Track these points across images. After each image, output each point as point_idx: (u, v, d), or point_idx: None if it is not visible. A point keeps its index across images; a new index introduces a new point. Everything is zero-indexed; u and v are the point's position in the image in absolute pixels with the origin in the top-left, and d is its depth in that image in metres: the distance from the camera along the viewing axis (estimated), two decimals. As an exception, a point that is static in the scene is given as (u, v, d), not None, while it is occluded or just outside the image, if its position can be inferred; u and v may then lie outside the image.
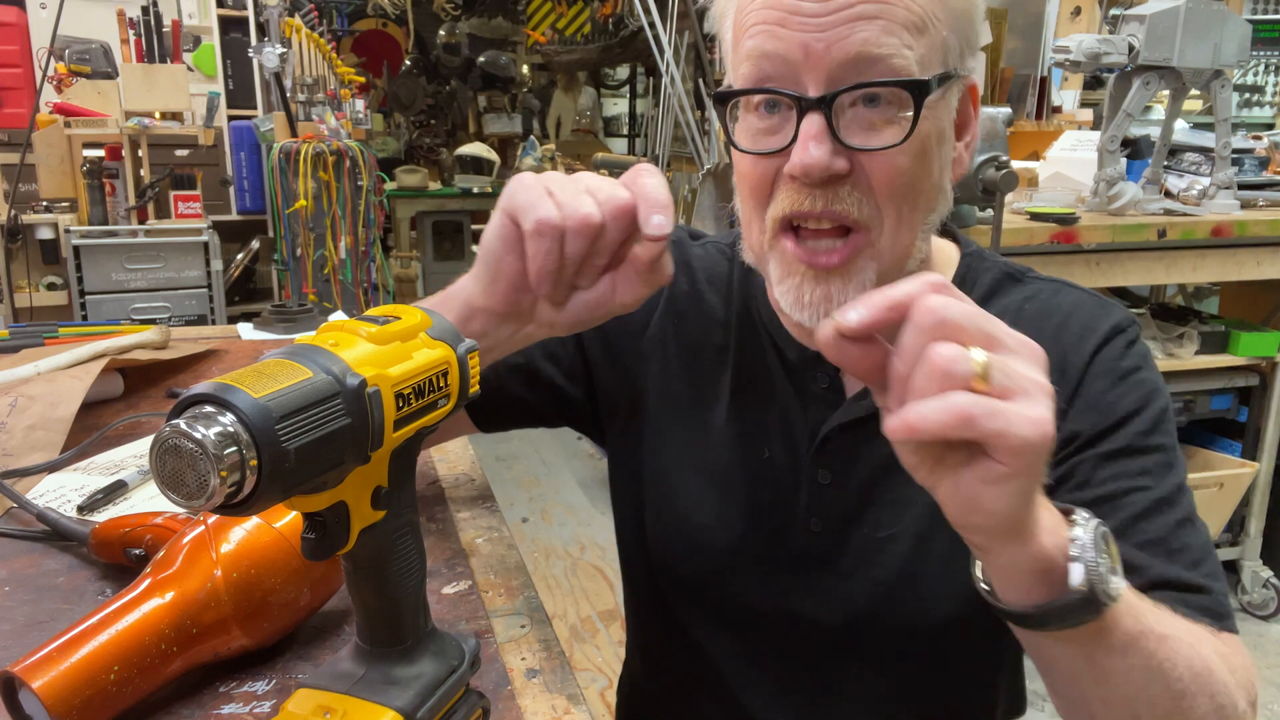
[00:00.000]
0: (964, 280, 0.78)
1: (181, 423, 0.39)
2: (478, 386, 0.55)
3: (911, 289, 0.47)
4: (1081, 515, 0.53)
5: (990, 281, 0.78)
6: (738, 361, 0.82)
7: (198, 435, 0.39)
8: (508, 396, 0.86)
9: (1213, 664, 0.59)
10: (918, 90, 0.64)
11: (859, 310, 0.47)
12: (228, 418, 0.40)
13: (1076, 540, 0.52)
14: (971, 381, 0.45)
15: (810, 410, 0.79)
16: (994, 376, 0.45)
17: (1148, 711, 0.58)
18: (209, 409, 0.40)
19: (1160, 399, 0.72)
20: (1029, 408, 0.45)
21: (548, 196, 0.61)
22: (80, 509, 0.88)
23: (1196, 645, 0.59)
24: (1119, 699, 0.58)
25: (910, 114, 0.64)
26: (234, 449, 0.39)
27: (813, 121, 0.64)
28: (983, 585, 0.56)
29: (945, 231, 0.81)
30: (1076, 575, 0.51)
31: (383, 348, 0.49)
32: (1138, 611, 0.55)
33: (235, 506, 0.41)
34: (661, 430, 0.85)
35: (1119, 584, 0.52)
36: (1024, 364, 0.46)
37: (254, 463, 0.40)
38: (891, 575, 0.76)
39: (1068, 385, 0.71)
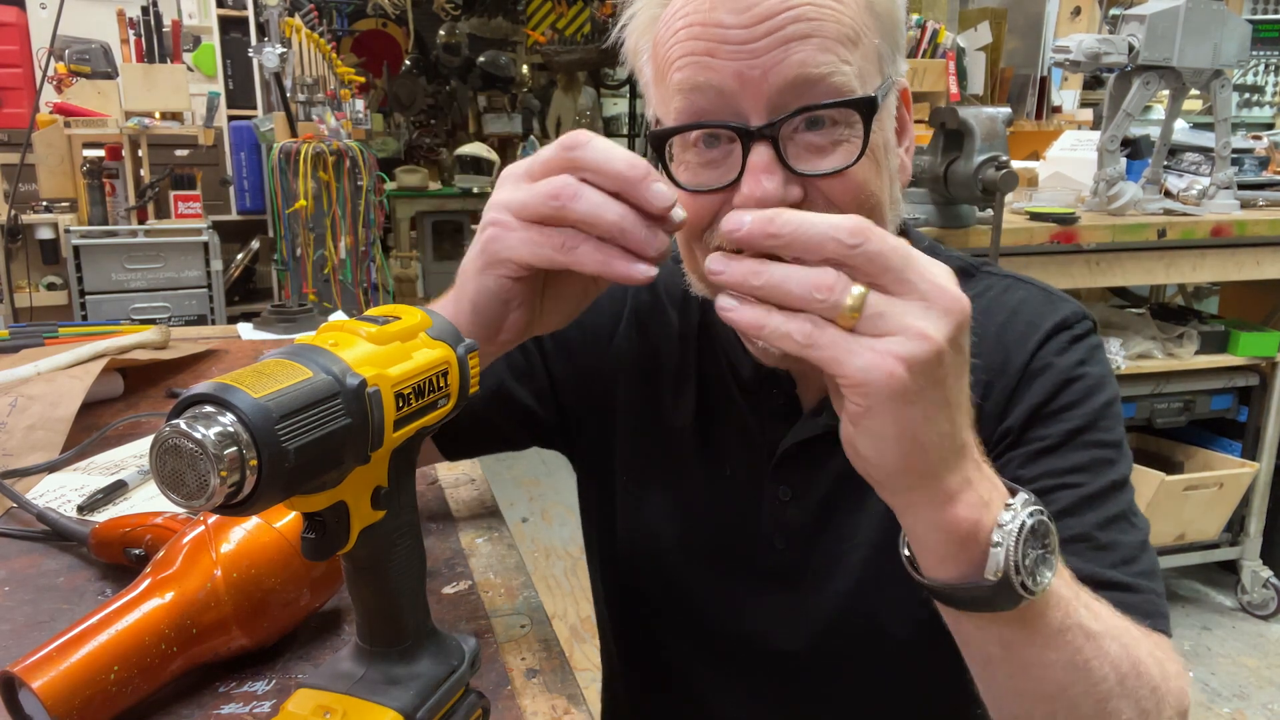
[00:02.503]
0: None
1: (181, 423, 0.39)
2: (478, 387, 0.55)
3: (838, 221, 0.47)
4: (1021, 499, 0.52)
5: None
6: (699, 378, 0.81)
7: (198, 435, 0.39)
8: (476, 422, 0.81)
9: (1144, 668, 0.57)
10: (866, 108, 0.62)
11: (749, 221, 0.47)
12: (228, 418, 0.40)
13: (1003, 525, 0.50)
14: (838, 314, 0.45)
15: (768, 427, 0.77)
16: (865, 314, 0.45)
17: (1067, 713, 0.56)
18: (209, 409, 0.40)
19: (1103, 393, 0.70)
20: (884, 345, 0.45)
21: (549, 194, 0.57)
22: (80, 509, 0.88)
23: (1130, 646, 0.57)
24: (1037, 694, 0.56)
25: (858, 130, 0.62)
26: (234, 449, 0.39)
27: (760, 153, 0.61)
28: (904, 552, 0.55)
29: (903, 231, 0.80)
30: (993, 563, 0.50)
31: (383, 348, 0.49)
32: (1068, 605, 0.54)
33: (235, 506, 0.41)
34: (629, 447, 0.84)
35: (1046, 577, 0.51)
36: (920, 312, 0.46)
37: (254, 463, 0.40)
38: (851, 584, 0.75)
39: (1008, 383, 0.70)
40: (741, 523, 0.79)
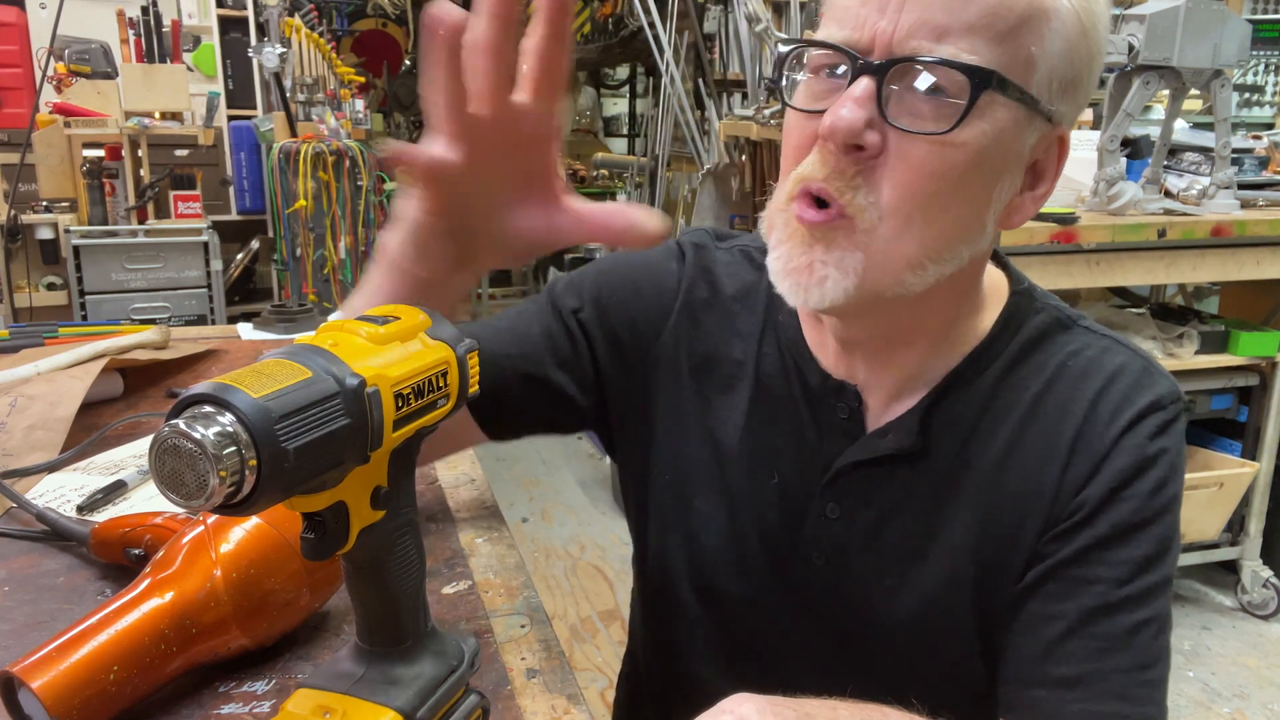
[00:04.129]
0: (1009, 321, 0.73)
1: (180, 423, 0.39)
2: (477, 386, 0.55)
3: None
4: None
5: (1039, 326, 0.73)
6: (757, 379, 0.78)
7: (197, 435, 0.39)
8: (519, 406, 0.82)
9: None
10: (976, 77, 0.59)
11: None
12: (227, 418, 0.40)
13: None
14: None
15: (826, 440, 0.75)
16: None
17: None
18: (208, 409, 0.40)
19: (1175, 483, 0.69)
20: None
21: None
22: (80, 509, 0.88)
23: None
24: None
25: (963, 103, 0.59)
26: (233, 449, 0.39)
27: (860, 85, 0.60)
28: None
29: (997, 261, 0.76)
30: None
31: (382, 347, 0.49)
32: None
33: (234, 507, 0.41)
34: (672, 442, 0.82)
35: None
36: None
37: (253, 463, 0.40)
38: (890, 626, 0.73)
39: (1094, 454, 0.68)
40: (783, 533, 0.76)
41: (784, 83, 0.67)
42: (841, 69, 0.63)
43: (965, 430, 0.71)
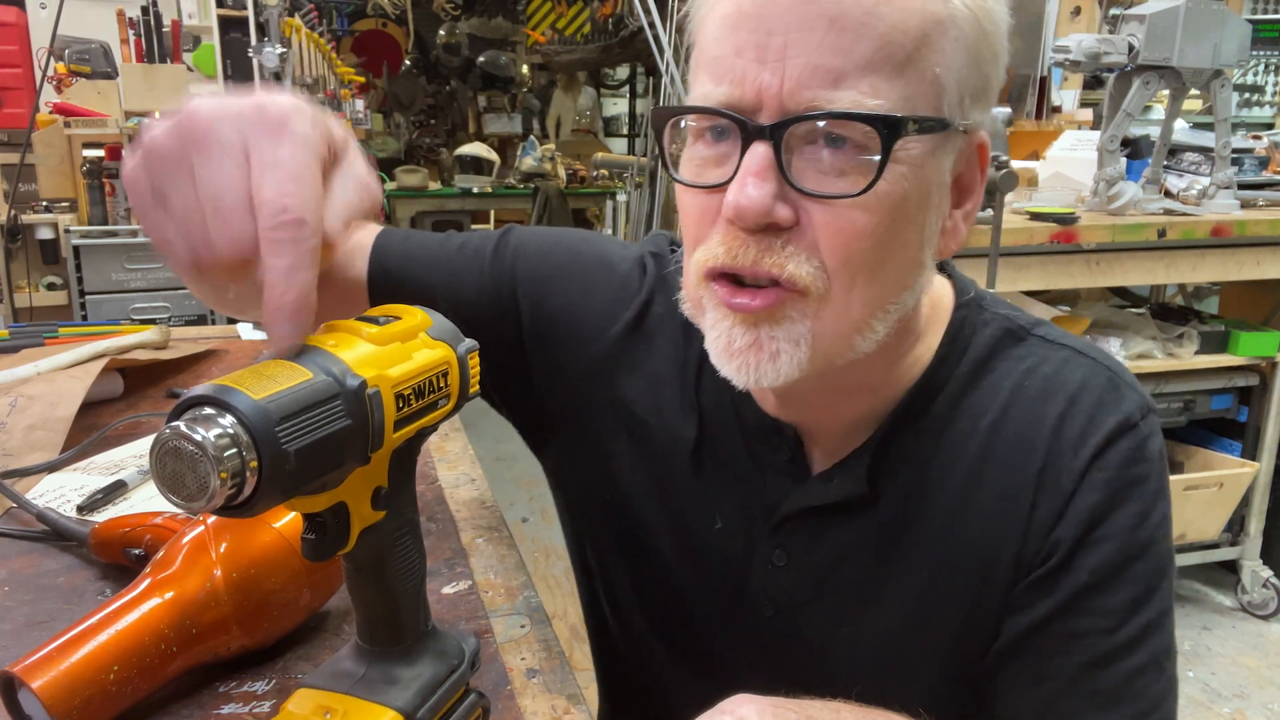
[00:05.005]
0: (955, 340, 0.67)
1: (181, 424, 0.39)
2: (478, 387, 0.55)
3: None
4: None
5: (989, 341, 0.68)
6: (700, 413, 0.72)
7: (198, 437, 0.39)
8: None
9: None
10: (888, 130, 0.53)
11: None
12: (227, 419, 0.40)
13: None
14: None
15: (769, 483, 0.70)
16: None
17: None
18: (208, 410, 0.40)
19: (1159, 508, 0.63)
20: None
21: (162, 212, 0.47)
22: (80, 509, 0.88)
23: None
24: None
25: (877, 162, 0.54)
26: (234, 451, 0.39)
27: (757, 154, 0.54)
28: None
29: (942, 269, 0.71)
30: None
31: (382, 348, 0.48)
32: None
33: (235, 508, 0.41)
34: (617, 458, 0.76)
35: None
36: None
37: (254, 464, 0.40)
38: (846, 673, 0.68)
39: (1064, 489, 0.62)
40: (729, 583, 0.72)
41: (667, 157, 0.61)
42: (726, 134, 0.57)
43: (917, 470, 0.66)
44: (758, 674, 0.69)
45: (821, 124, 0.54)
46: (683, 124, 0.60)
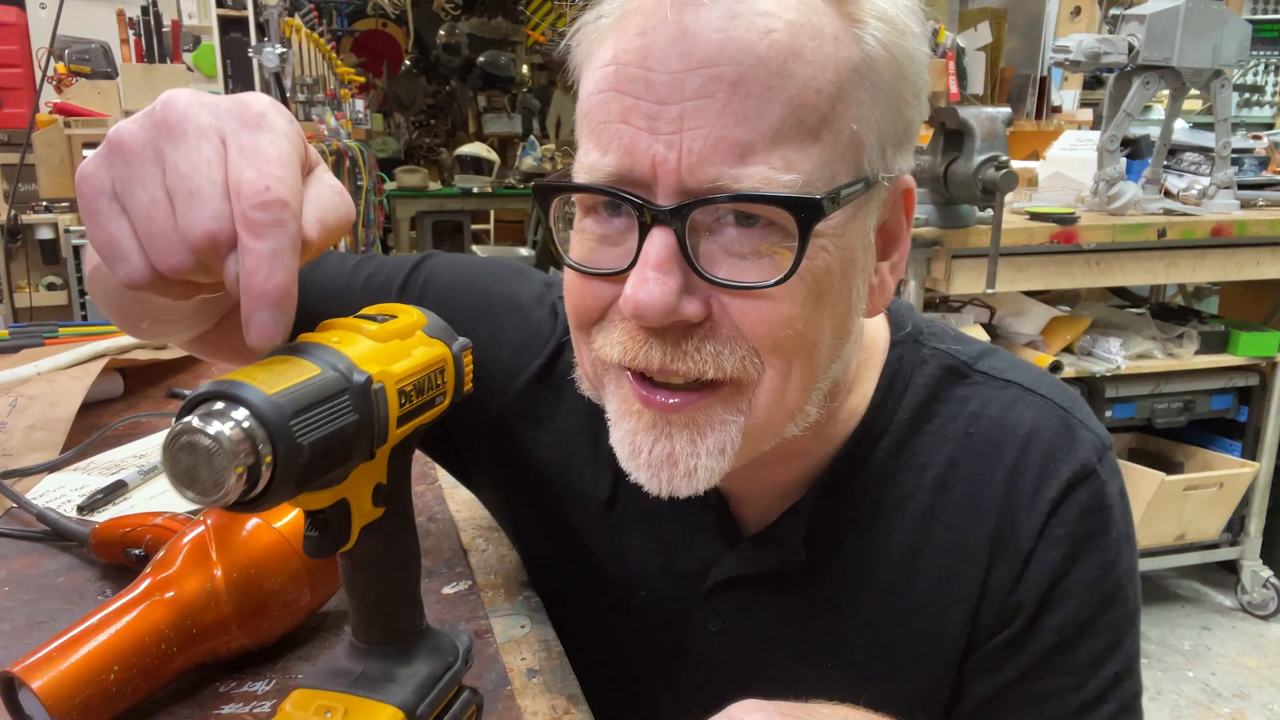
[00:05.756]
0: (893, 381, 0.62)
1: (194, 419, 0.39)
2: (472, 384, 0.55)
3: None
4: None
5: (929, 381, 0.62)
6: (615, 471, 0.62)
7: (213, 431, 0.38)
8: None
9: None
10: (805, 212, 0.47)
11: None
12: (241, 413, 0.39)
13: None
14: None
15: (697, 544, 0.65)
16: None
17: None
18: (219, 405, 0.40)
19: (1124, 558, 0.60)
20: None
21: (120, 213, 0.42)
22: (80, 509, 0.88)
23: None
24: None
25: (795, 246, 0.48)
26: (249, 444, 0.39)
27: (658, 241, 0.48)
28: None
29: None
30: None
31: (384, 345, 0.49)
32: None
33: (248, 504, 0.41)
34: (530, 514, 0.72)
35: None
36: None
37: (269, 459, 0.40)
38: None
39: (1017, 554, 0.59)
40: (664, 644, 0.68)
41: (555, 236, 0.55)
42: (624, 209, 0.51)
43: (858, 532, 0.62)
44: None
45: (728, 206, 0.48)
46: (571, 197, 0.54)
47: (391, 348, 0.49)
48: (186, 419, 0.39)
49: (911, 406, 0.62)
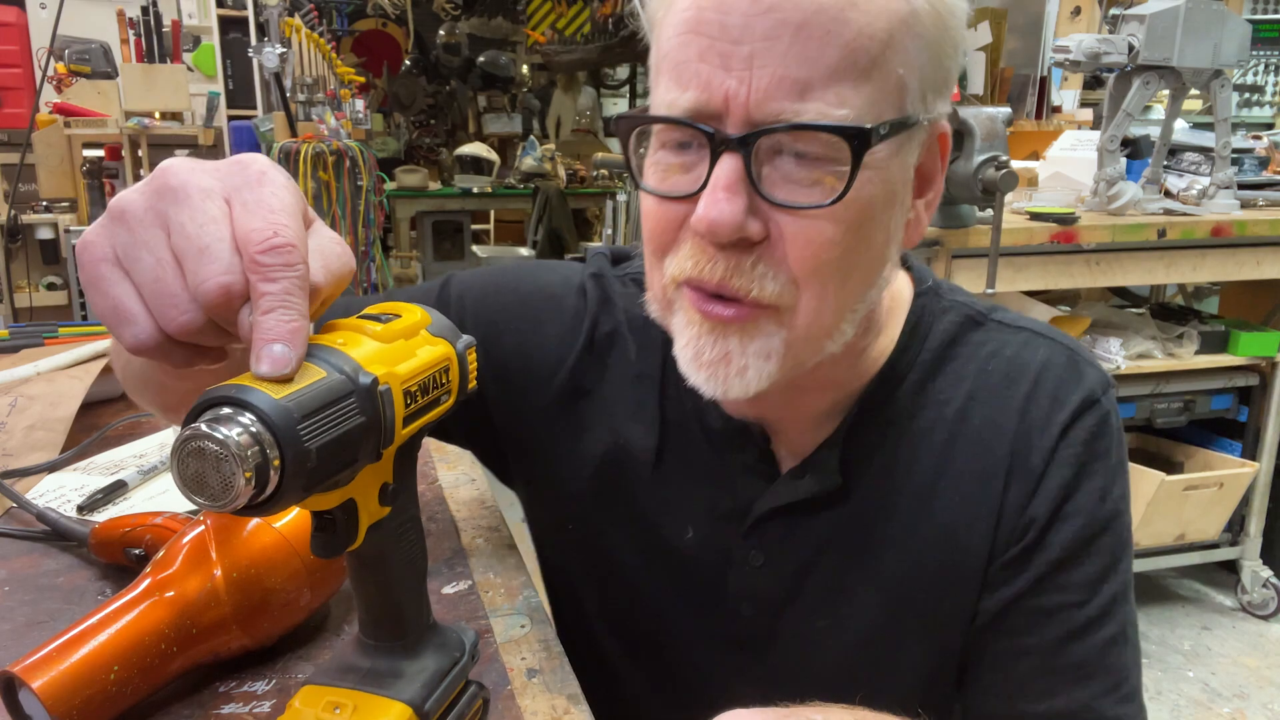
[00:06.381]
0: (916, 327, 0.69)
1: (203, 425, 0.39)
2: (475, 383, 0.55)
3: None
4: None
5: (949, 328, 0.69)
6: (662, 422, 0.72)
7: (220, 436, 0.39)
8: None
9: None
10: (855, 140, 0.53)
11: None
12: (248, 418, 0.40)
13: None
14: None
15: (739, 485, 0.70)
16: None
17: None
18: (227, 410, 0.40)
19: (1120, 483, 0.66)
20: None
21: (124, 278, 0.43)
22: (80, 509, 0.88)
23: None
24: None
25: (846, 169, 0.53)
26: (258, 449, 0.39)
27: (726, 166, 0.54)
28: None
29: (902, 260, 0.72)
30: None
31: (388, 345, 0.49)
32: None
33: (257, 507, 0.41)
34: (576, 492, 0.76)
35: None
36: None
37: (277, 463, 0.40)
38: (829, 665, 0.70)
39: (1031, 474, 0.65)
40: (706, 588, 0.72)
41: (632, 164, 0.61)
42: (693, 147, 0.57)
43: (886, 460, 0.68)
44: (738, 684, 0.70)
45: (789, 136, 0.54)
46: (649, 131, 0.60)
47: (396, 348, 0.49)
48: (195, 424, 0.39)
49: (933, 349, 0.68)
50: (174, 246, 0.43)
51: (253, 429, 0.39)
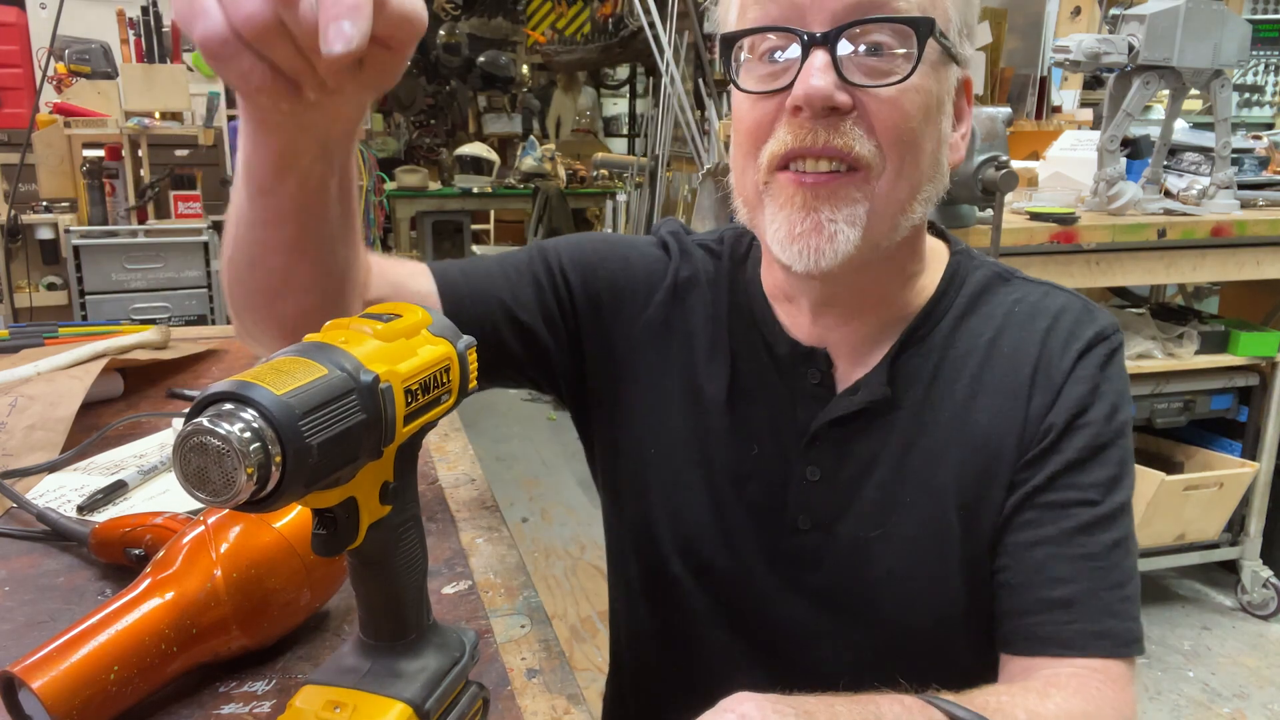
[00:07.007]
0: (953, 277, 0.79)
1: (205, 420, 0.40)
2: (476, 383, 0.56)
3: None
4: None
5: (981, 280, 0.79)
6: (731, 356, 0.82)
7: (223, 432, 0.39)
8: (502, 348, 0.80)
9: None
10: (921, 27, 0.65)
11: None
12: (250, 414, 0.40)
13: None
14: None
15: (800, 406, 0.78)
16: None
17: None
18: (229, 406, 0.40)
19: (1125, 409, 0.75)
20: None
21: None
22: (80, 509, 0.88)
23: None
24: None
25: (912, 53, 0.65)
26: (259, 445, 0.40)
27: (817, 57, 0.64)
28: None
29: (934, 230, 0.82)
30: None
31: (389, 344, 0.49)
32: None
33: (258, 503, 0.41)
34: (655, 417, 0.84)
35: None
36: None
37: (279, 459, 0.40)
38: (880, 575, 0.76)
39: (1053, 383, 0.73)
40: (768, 502, 0.79)
41: (733, 71, 0.71)
42: (783, 53, 0.67)
43: (928, 379, 0.76)
44: (793, 599, 0.79)
45: (860, 42, 0.65)
46: (744, 44, 0.69)
47: (397, 347, 0.49)
48: (197, 420, 0.40)
49: (968, 295, 0.78)
50: None
51: (255, 425, 0.40)
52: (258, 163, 0.58)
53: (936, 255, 0.80)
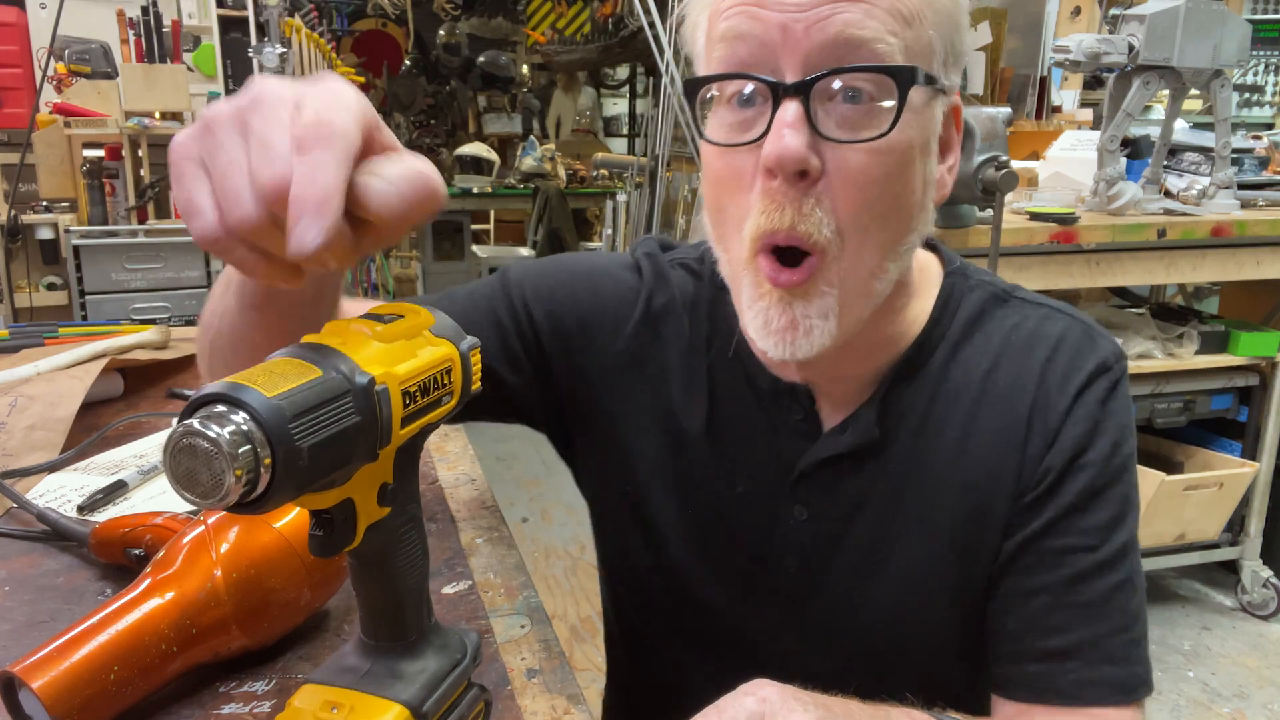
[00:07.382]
0: (948, 302, 0.75)
1: (195, 422, 0.39)
2: (479, 384, 0.55)
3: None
4: None
5: (976, 303, 0.76)
6: (711, 388, 0.78)
7: (212, 434, 0.39)
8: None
9: None
10: (902, 77, 0.60)
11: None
12: (240, 416, 0.40)
13: None
14: None
15: (785, 443, 0.75)
16: None
17: None
18: (220, 408, 0.40)
19: (1129, 444, 0.72)
20: None
21: (203, 175, 0.45)
22: (80, 509, 0.88)
23: None
24: None
25: (893, 105, 0.60)
26: (248, 448, 0.40)
27: (789, 110, 0.59)
28: None
29: (928, 244, 0.77)
30: None
31: (388, 346, 0.49)
32: None
33: (249, 505, 0.41)
34: (633, 451, 0.81)
35: None
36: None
37: (268, 461, 0.40)
38: (871, 616, 0.74)
39: (1052, 423, 0.70)
40: (753, 543, 0.77)
41: (699, 118, 0.66)
42: (753, 94, 0.62)
43: (919, 418, 0.73)
44: (780, 639, 0.77)
45: (837, 84, 0.60)
46: (710, 94, 0.65)
47: (397, 348, 0.49)
48: (188, 421, 0.40)
49: (963, 321, 0.74)
50: (248, 145, 0.45)
51: (244, 427, 0.40)
52: (251, 289, 0.60)
53: (928, 277, 0.76)
